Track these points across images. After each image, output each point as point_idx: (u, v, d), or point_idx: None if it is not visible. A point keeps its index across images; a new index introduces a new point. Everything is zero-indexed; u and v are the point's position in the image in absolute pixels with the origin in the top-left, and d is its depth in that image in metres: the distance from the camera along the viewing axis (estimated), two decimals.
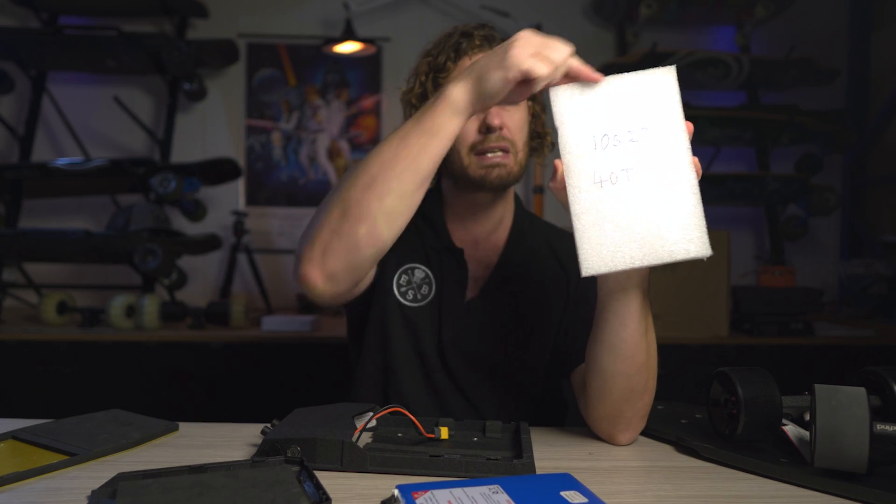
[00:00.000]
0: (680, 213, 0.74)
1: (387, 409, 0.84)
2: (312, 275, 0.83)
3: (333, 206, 0.82)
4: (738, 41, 3.09)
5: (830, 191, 2.95)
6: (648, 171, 0.75)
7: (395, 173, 0.80)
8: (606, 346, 0.85)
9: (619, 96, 0.77)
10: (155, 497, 0.64)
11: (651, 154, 0.75)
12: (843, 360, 2.35)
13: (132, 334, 2.32)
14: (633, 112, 0.76)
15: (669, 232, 0.74)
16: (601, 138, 0.76)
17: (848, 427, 0.68)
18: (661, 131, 0.75)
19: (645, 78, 0.77)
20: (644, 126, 0.76)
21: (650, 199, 0.74)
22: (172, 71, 2.75)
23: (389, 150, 0.80)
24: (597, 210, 0.75)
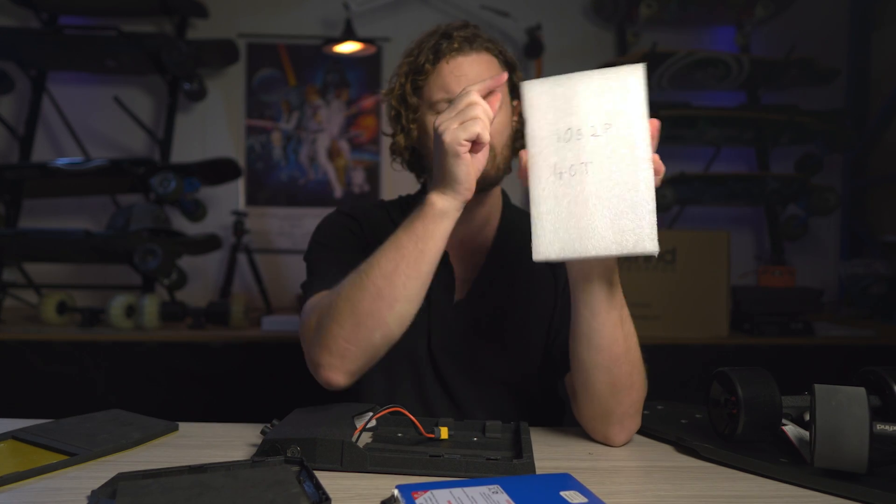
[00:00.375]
0: (633, 208, 0.75)
1: (386, 409, 0.84)
2: (336, 378, 0.89)
3: (345, 317, 0.86)
4: (738, 41, 3.09)
5: (830, 191, 2.95)
6: (606, 166, 0.77)
7: (400, 283, 0.84)
8: (581, 338, 0.87)
9: (587, 92, 0.79)
10: (155, 497, 0.64)
11: (610, 149, 0.77)
12: (843, 360, 2.35)
13: (132, 334, 2.32)
14: (598, 108, 0.78)
15: (621, 226, 0.76)
16: (565, 131, 0.79)
17: (848, 427, 0.68)
18: (622, 128, 0.77)
19: (612, 75, 0.79)
20: (607, 122, 0.78)
21: (605, 193, 0.77)
22: (172, 71, 2.75)
23: (389, 263, 0.84)
24: (554, 199, 0.79)
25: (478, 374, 1.04)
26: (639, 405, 0.90)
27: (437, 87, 1.00)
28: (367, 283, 0.85)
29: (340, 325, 0.86)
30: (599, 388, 0.88)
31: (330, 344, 0.87)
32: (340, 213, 1.11)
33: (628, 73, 0.79)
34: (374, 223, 1.09)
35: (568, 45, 3.27)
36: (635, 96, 0.78)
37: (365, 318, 0.85)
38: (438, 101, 1.00)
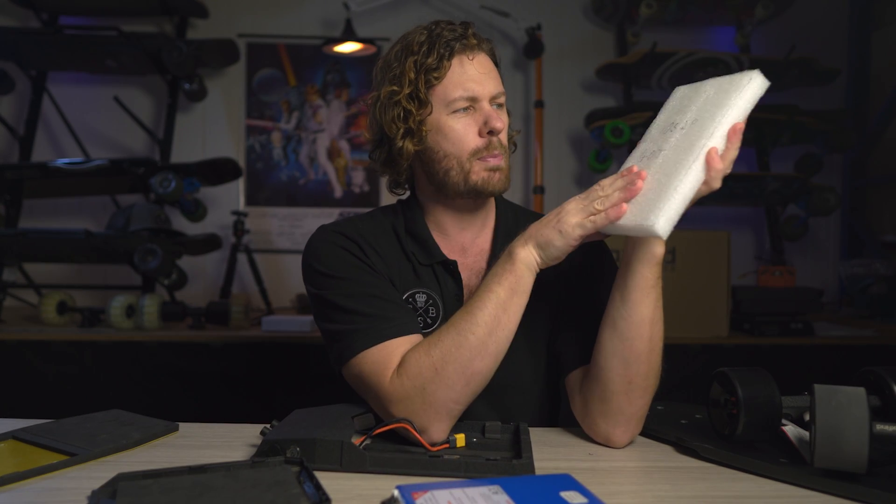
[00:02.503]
0: (661, 190, 0.77)
1: (394, 423, 0.83)
2: (442, 436, 0.87)
3: (455, 380, 0.85)
4: (738, 41, 3.10)
5: (830, 191, 2.95)
6: (670, 154, 0.80)
7: (503, 335, 0.86)
8: (608, 322, 0.88)
9: (704, 94, 0.83)
10: (155, 497, 0.64)
11: (682, 142, 0.80)
12: (843, 360, 2.35)
13: (132, 334, 2.32)
14: (700, 107, 0.82)
15: (643, 204, 0.78)
16: (670, 125, 0.84)
17: (848, 427, 0.68)
18: (703, 123, 0.79)
19: (728, 79, 0.81)
20: (695, 118, 0.81)
21: (653, 177, 0.79)
22: (172, 71, 2.75)
23: (492, 318, 0.85)
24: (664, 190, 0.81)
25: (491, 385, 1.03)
26: (646, 410, 0.90)
27: (454, 86, 0.96)
28: (474, 341, 0.85)
29: (451, 388, 0.85)
30: (614, 383, 0.87)
31: (440, 408, 0.85)
32: (333, 233, 1.02)
33: (739, 77, 0.79)
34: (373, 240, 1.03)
35: (568, 45, 3.27)
36: (732, 98, 0.78)
37: (475, 377, 0.86)
38: (456, 99, 0.95)
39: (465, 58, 0.97)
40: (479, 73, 0.97)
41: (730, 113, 0.78)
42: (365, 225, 1.05)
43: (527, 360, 1.03)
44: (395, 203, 1.11)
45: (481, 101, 0.96)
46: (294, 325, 2.40)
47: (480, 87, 0.96)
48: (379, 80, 1.02)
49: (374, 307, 0.93)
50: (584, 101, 3.23)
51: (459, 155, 0.97)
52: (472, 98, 0.96)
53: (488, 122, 0.95)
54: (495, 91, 0.98)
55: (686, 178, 0.76)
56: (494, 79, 0.98)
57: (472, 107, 0.97)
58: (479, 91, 0.96)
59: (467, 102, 0.96)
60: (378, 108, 1.00)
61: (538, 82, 3.11)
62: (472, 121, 0.97)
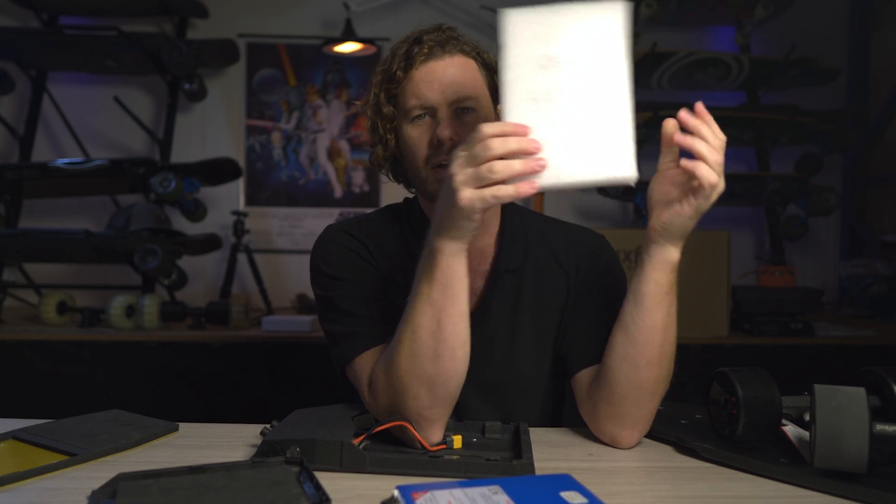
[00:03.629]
0: (612, 135, 0.74)
1: (392, 422, 0.83)
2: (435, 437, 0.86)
3: (416, 389, 0.83)
4: (738, 41, 3.09)
5: (830, 191, 2.95)
6: (584, 93, 0.75)
7: (449, 332, 0.81)
8: (621, 325, 0.87)
9: (568, 23, 0.77)
10: (155, 497, 0.64)
11: (589, 77, 0.75)
12: (843, 360, 2.35)
13: (132, 334, 2.32)
14: (578, 39, 0.76)
15: (599, 153, 0.74)
16: (543, 59, 0.76)
17: (848, 427, 0.68)
18: (601, 59, 0.75)
19: (593, 8, 0.77)
20: (586, 51, 0.76)
21: (584, 120, 0.74)
22: (172, 71, 2.75)
23: (430, 321, 0.81)
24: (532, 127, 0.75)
25: (489, 384, 1.02)
26: (654, 413, 0.90)
27: (409, 95, 0.96)
28: (420, 348, 0.82)
29: (416, 398, 0.83)
30: (623, 387, 0.87)
31: (415, 417, 0.84)
32: (341, 233, 1.03)
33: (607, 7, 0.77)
34: (380, 239, 1.03)
35: None
36: (616, 29, 0.76)
37: (435, 380, 0.82)
38: (412, 108, 0.96)
39: (422, 65, 0.95)
40: (433, 80, 0.94)
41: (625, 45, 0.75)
42: (373, 224, 1.06)
43: (530, 360, 1.03)
44: (403, 201, 1.12)
45: (438, 108, 0.94)
46: (294, 325, 2.40)
47: (433, 94, 0.94)
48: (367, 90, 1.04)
49: (372, 311, 0.94)
50: None
51: (416, 163, 0.98)
52: (425, 105, 0.95)
53: (436, 131, 0.94)
54: (453, 96, 0.94)
55: (626, 117, 0.74)
56: (458, 83, 0.95)
57: (427, 114, 0.96)
58: (432, 97, 0.94)
59: (422, 110, 0.95)
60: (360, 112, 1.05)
61: None
62: (426, 128, 0.96)
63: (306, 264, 1.07)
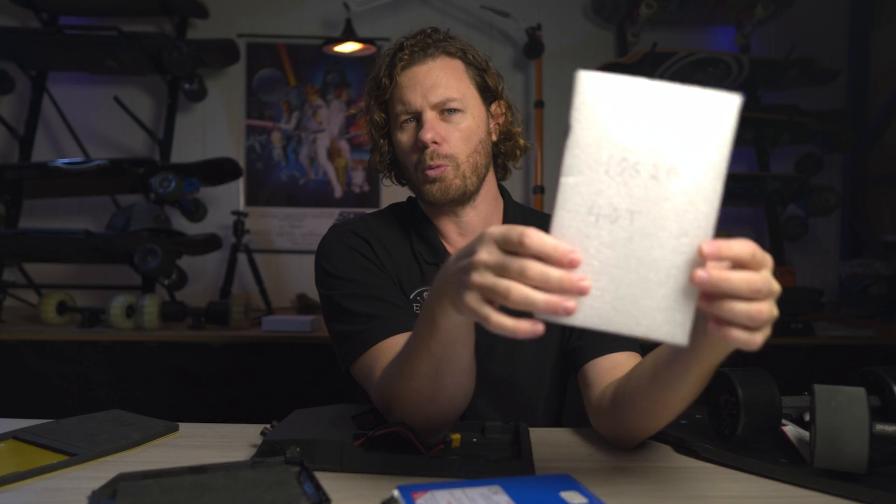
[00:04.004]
0: (675, 291, 0.56)
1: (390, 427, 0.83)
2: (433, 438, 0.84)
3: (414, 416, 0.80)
4: (738, 41, 3.09)
5: (830, 191, 2.95)
6: (658, 224, 0.56)
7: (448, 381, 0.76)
8: (653, 384, 0.75)
9: (664, 112, 0.56)
10: (155, 497, 0.64)
11: (670, 203, 0.56)
12: (843, 360, 2.35)
13: (132, 334, 2.32)
14: (668, 140, 0.56)
15: (653, 307, 0.56)
16: (618, 161, 0.56)
17: (848, 427, 0.68)
18: (693, 177, 0.56)
19: (703, 98, 0.56)
20: (675, 163, 0.56)
21: (645, 258, 0.56)
22: (172, 71, 2.75)
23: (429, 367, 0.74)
24: (580, 245, 0.56)
25: (491, 383, 1.03)
26: None
27: (396, 101, 0.98)
28: (418, 387, 0.77)
29: (413, 420, 0.80)
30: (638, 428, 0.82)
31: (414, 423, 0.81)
32: (346, 234, 1.03)
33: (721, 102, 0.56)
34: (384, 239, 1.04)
35: (568, 45, 3.27)
36: (723, 137, 0.56)
37: (433, 414, 0.80)
38: (399, 114, 0.98)
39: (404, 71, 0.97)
40: (416, 85, 0.96)
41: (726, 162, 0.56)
42: (377, 223, 1.07)
43: (532, 358, 1.04)
44: (407, 201, 1.13)
45: (423, 112, 0.96)
46: (294, 325, 2.40)
47: (416, 98, 0.95)
48: None
49: (377, 308, 0.94)
50: None
51: (408, 167, 1.01)
52: (410, 111, 0.96)
53: (419, 134, 0.95)
54: (436, 99, 0.95)
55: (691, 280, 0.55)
56: (442, 86, 0.95)
57: (414, 118, 0.97)
58: (415, 102, 0.95)
59: (408, 115, 0.97)
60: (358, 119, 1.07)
61: (538, 82, 3.11)
62: (413, 132, 0.97)
63: (306, 264, 1.07)
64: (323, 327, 2.47)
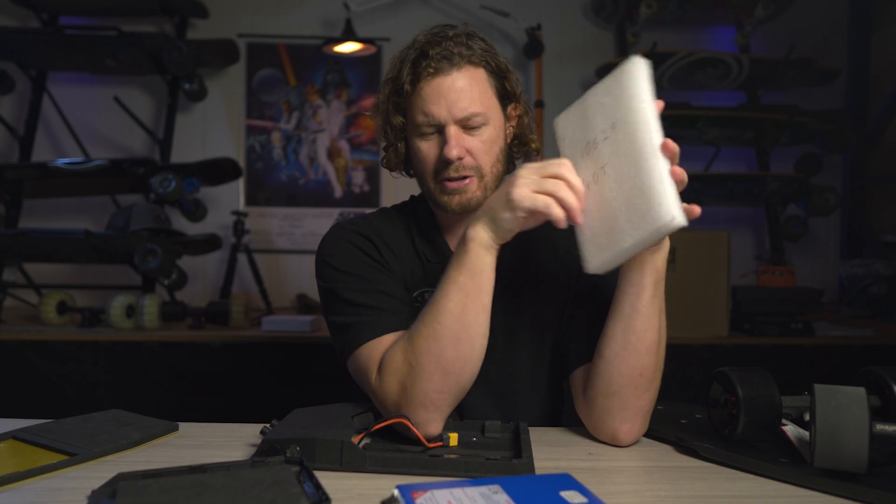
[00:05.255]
0: (643, 191, 0.74)
1: (391, 419, 0.83)
2: (435, 429, 0.87)
3: (431, 372, 0.84)
4: (738, 41, 3.10)
5: (830, 191, 2.95)
6: (617, 163, 0.78)
7: (472, 320, 0.85)
8: (620, 317, 0.88)
9: (595, 103, 0.82)
10: (155, 497, 0.64)
11: (619, 145, 0.78)
12: (843, 360, 2.35)
13: (132, 334, 2.32)
14: (606, 112, 0.80)
15: (636, 212, 0.75)
16: (585, 146, 0.82)
17: (848, 427, 0.68)
18: (625, 120, 0.77)
19: (609, 78, 0.81)
20: (613, 121, 0.79)
21: (620, 189, 0.77)
22: (172, 71, 2.75)
23: (456, 305, 0.84)
24: (587, 212, 0.81)
25: (491, 381, 1.03)
26: (651, 406, 0.90)
27: (417, 110, 0.96)
28: (442, 330, 0.84)
29: (429, 380, 0.84)
30: (622, 376, 0.88)
31: (423, 400, 0.85)
32: (350, 233, 1.03)
33: (623, 69, 0.79)
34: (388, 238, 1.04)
35: (568, 45, 3.27)
36: (633, 87, 0.78)
37: (452, 365, 0.84)
38: (420, 124, 0.96)
39: (429, 81, 0.94)
40: (440, 97, 0.94)
41: (642, 99, 0.77)
42: (380, 223, 1.07)
43: (530, 357, 1.04)
44: (409, 200, 1.13)
45: (446, 125, 0.94)
46: (294, 325, 2.40)
47: (441, 111, 0.94)
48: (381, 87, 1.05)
49: (381, 302, 0.95)
50: None
51: (424, 175, 1.00)
52: (433, 123, 0.95)
53: (444, 150, 0.94)
54: (461, 113, 0.94)
55: (655, 168, 0.74)
56: (466, 99, 0.94)
57: (436, 130, 0.96)
58: (440, 115, 0.94)
59: (430, 126, 0.96)
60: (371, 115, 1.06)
61: (538, 82, 3.11)
62: (435, 143, 0.96)
63: (306, 264, 1.07)
64: (323, 327, 2.47)
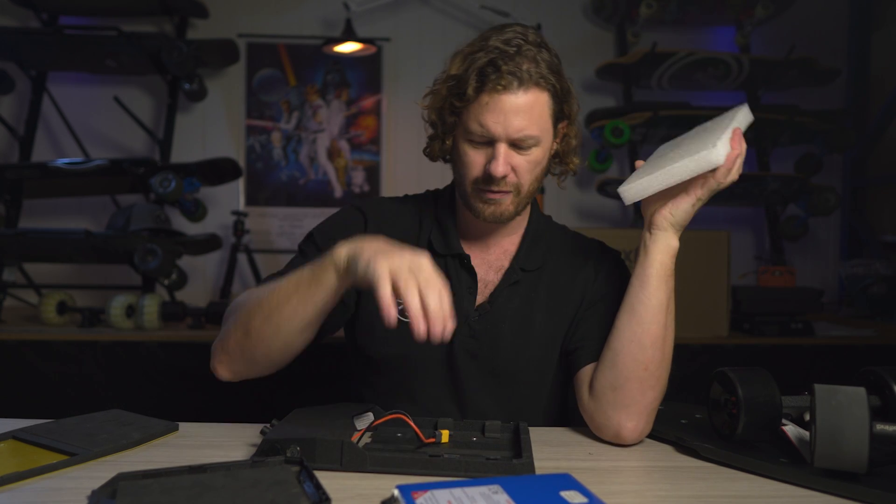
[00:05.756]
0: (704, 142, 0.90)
1: (389, 414, 0.84)
2: (220, 371, 0.97)
3: (240, 324, 0.92)
4: (738, 41, 3.09)
5: (830, 191, 2.95)
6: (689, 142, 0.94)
7: (288, 313, 0.87)
8: (626, 308, 0.93)
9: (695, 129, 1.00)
10: (155, 497, 0.64)
11: (697, 136, 0.95)
12: (843, 360, 2.35)
13: (132, 334, 2.32)
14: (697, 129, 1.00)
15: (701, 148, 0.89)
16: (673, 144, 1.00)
17: (848, 427, 0.68)
18: (709, 129, 0.95)
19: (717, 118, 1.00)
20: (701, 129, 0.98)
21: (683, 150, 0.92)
22: (172, 71, 2.75)
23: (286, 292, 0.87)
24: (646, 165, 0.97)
25: (495, 376, 1.04)
26: (656, 405, 0.92)
27: (474, 119, 0.95)
28: (264, 303, 0.89)
29: (234, 331, 0.92)
30: (629, 369, 0.90)
31: (225, 339, 0.94)
32: (351, 207, 1.11)
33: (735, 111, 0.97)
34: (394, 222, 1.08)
35: (568, 45, 3.26)
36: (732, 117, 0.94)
37: (253, 332, 0.90)
38: (472, 130, 0.96)
39: (493, 95, 0.93)
40: (500, 114, 0.93)
41: (730, 125, 0.91)
42: (392, 205, 1.12)
43: (538, 357, 1.05)
44: (434, 191, 1.16)
45: (498, 141, 0.95)
46: None
47: (497, 128, 0.94)
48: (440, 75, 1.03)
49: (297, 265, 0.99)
50: (584, 100, 3.16)
51: (464, 178, 1.01)
52: (486, 135, 0.95)
53: (490, 165, 0.95)
54: (517, 134, 0.93)
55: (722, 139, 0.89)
56: (524, 119, 0.93)
57: (487, 140, 0.96)
58: (496, 130, 0.94)
59: (482, 137, 0.96)
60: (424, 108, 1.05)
61: None
62: (483, 153, 0.97)
63: None
64: None
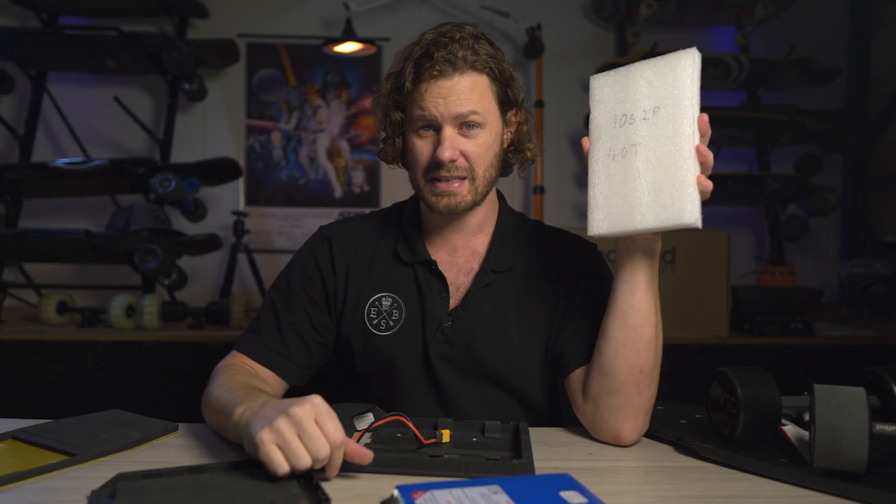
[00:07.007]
0: (673, 183, 0.80)
1: (388, 416, 0.84)
2: None
3: (205, 409, 0.98)
4: (738, 41, 3.10)
5: (830, 191, 2.95)
6: (652, 146, 0.82)
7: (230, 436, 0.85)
8: (617, 315, 0.90)
9: (642, 80, 0.84)
10: (155, 497, 0.64)
11: (659, 132, 0.82)
12: (843, 360, 2.35)
13: (132, 334, 2.32)
14: (649, 93, 0.83)
15: (662, 201, 0.80)
16: (620, 117, 0.85)
17: (847, 427, 0.68)
18: (669, 110, 0.81)
19: (664, 61, 0.84)
20: (656, 105, 0.83)
21: (650, 171, 0.82)
22: (172, 71, 2.75)
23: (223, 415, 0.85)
24: (606, 180, 0.85)
25: (475, 379, 1.03)
26: (652, 403, 0.91)
27: (415, 107, 0.97)
28: (216, 415, 0.90)
29: (206, 406, 0.97)
30: (624, 373, 0.89)
31: (205, 399, 0.99)
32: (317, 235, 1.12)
33: (679, 58, 0.83)
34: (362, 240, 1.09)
35: (568, 45, 3.27)
36: (684, 79, 0.82)
37: (216, 429, 0.92)
38: (416, 119, 0.97)
39: (431, 83, 0.95)
40: (439, 98, 0.94)
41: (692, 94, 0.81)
42: (357, 224, 1.12)
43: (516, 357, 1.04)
44: (401, 202, 1.15)
45: (443, 126, 0.95)
46: None
47: (438, 112, 0.94)
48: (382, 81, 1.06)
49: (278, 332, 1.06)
50: (584, 101, 3.17)
51: (416, 171, 1.01)
52: (429, 122, 0.96)
53: (437, 150, 0.95)
54: (458, 110, 0.94)
55: (691, 166, 0.79)
56: (463, 97, 0.94)
57: (432, 128, 0.97)
58: (436, 112, 0.94)
59: (425, 121, 0.96)
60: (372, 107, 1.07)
61: (538, 82, 3.11)
62: (430, 142, 0.98)
63: None
64: None
